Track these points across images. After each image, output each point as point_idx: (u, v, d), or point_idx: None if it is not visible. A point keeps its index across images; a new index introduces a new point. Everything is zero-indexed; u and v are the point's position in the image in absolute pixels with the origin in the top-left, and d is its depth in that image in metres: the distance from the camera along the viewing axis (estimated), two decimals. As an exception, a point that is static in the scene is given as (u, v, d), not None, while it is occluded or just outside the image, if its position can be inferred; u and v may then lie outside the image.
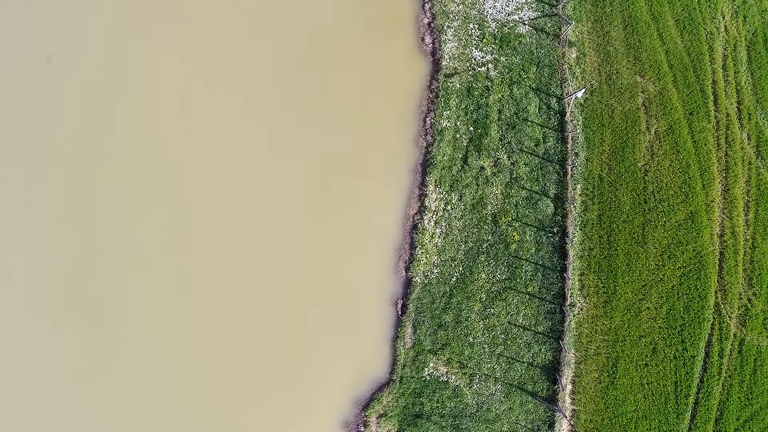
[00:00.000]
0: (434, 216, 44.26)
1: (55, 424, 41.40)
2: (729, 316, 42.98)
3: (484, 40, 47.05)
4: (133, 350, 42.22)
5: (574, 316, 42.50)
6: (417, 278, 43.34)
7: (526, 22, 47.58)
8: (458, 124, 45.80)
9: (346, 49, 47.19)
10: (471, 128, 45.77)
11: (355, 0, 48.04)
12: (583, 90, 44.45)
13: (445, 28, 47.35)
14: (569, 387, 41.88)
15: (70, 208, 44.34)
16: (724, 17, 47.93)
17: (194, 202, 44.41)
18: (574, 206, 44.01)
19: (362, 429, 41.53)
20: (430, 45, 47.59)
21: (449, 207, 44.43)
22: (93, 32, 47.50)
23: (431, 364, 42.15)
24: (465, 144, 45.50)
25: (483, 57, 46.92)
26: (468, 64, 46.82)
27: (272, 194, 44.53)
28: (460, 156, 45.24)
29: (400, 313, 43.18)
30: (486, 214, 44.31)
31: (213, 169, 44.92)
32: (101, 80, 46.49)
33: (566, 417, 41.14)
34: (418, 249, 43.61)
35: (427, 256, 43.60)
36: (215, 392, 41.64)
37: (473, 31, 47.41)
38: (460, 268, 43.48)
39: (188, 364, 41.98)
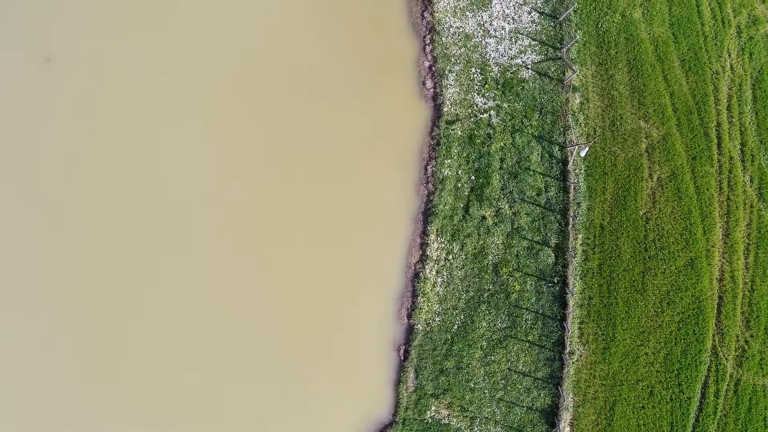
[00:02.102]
0: (436, 265, 44.48)
1: (55, 424, 42.03)
2: (726, 358, 43.73)
3: (487, 86, 46.17)
4: (134, 355, 42.87)
5: (573, 363, 43.26)
6: (419, 325, 43.90)
7: (529, 67, 46.54)
8: (460, 173, 45.44)
9: (345, 92, 46.30)
10: (473, 177, 45.42)
11: (354, 42, 46.91)
12: (587, 149, 43.89)
13: (446, 72, 46.31)
14: (567, 430, 42.98)
15: (71, 208, 44.29)
16: (730, 55, 46.93)
17: (197, 215, 44.40)
18: (575, 256, 44.19)
19: (366, 469, 42.92)
20: (432, 89, 46.65)
21: (451, 256, 44.60)
22: (93, 33, 46.55)
23: (433, 408, 43.14)
24: (466, 193, 45.29)
25: (485, 103, 46.11)
26: (470, 111, 46.06)
27: (274, 240, 44.52)
28: (462, 205, 45.08)
29: (402, 358, 43.94)
30: (487, 263, 44.52)
31: (214, 190, 44.71)
32: (101, 81, 45.83)
33: (564, 460, 42.49)
34: (419, 297, 44.00)
35: (429, 304, 44.06)
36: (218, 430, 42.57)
37: (475, 75, 46.44)
38: (462, 317, 44.01)
39: (192, 382, 42.71)
